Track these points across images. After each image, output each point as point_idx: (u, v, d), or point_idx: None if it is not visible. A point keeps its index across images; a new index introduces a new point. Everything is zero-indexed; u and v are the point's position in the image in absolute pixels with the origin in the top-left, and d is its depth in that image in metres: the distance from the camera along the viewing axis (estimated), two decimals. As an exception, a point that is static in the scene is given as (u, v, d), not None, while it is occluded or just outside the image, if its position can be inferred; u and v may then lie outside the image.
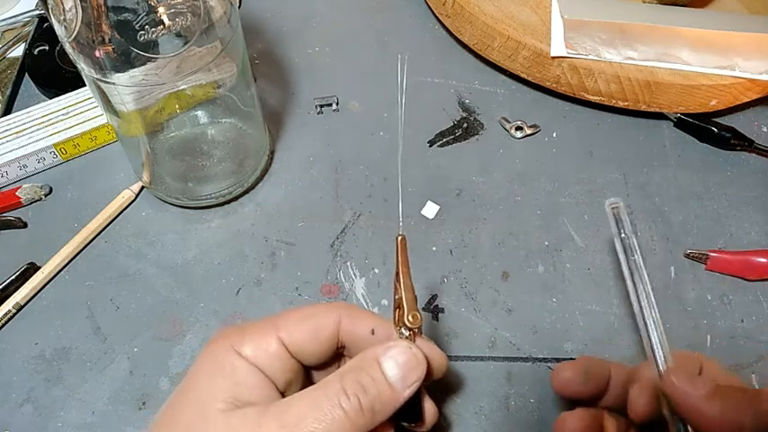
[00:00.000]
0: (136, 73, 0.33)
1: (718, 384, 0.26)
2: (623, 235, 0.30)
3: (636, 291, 0.30)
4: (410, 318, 0.27)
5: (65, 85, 0.48)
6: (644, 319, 0.29)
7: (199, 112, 0.45)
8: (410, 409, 0.27)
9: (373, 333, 0.28)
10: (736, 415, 0.25)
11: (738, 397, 0.25)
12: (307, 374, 0.30)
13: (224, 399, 0.25)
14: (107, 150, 0.47)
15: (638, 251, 0.30)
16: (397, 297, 0.28)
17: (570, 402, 0.33)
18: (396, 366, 0.26)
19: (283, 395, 0.27)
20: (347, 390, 0.25)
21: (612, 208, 0.31)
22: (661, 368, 0.28)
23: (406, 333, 0.27)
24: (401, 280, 0.28)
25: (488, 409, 0.37)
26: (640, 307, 0.29)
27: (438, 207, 0.45)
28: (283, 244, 0.43)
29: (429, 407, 0.29)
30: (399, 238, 0.29)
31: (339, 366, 0.31)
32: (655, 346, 0.28)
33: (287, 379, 0.27)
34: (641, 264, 0.30)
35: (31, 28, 0.53)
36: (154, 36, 0.32)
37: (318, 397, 0.25)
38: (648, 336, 0.29)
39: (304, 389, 0.26)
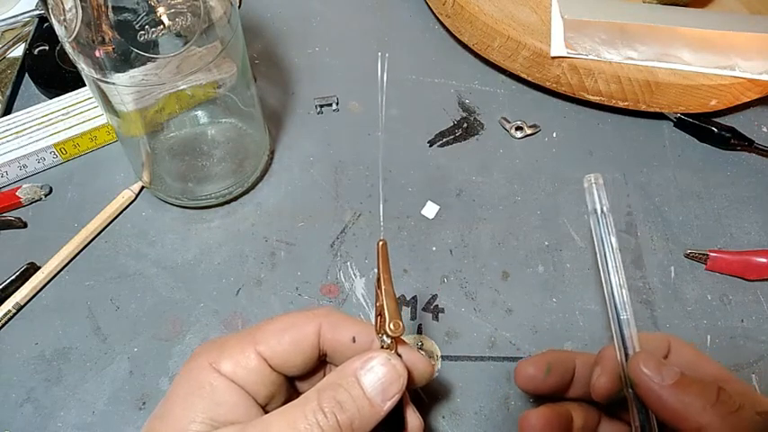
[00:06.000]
0: (136, 73, 0.33)
1: (683, 374, 0.26)
2: (602, 210, 0.29)
3: (607, 268, 0.29)
4: (391, 326, 0.26)
5: (65, 85, 0.48)
6: (614, 301, 0.29)
7: (199, 112, 0.45)
8: (392, 421, 0.27)
9: (354, 341, 0.28)
10: (697, 408, 0.25)
11: (700, 390, 0.26)
12: (291, 384, 0.29)
13: (202, 420, 0.25)
14: (107, 150, 0.47)
15: (613, 229, 0.29)
16: (378, 304, 0.27)
17: (539, 398, 0.32)
18: (375, 380, 0.25)
19: (265, 409, 0.27)
20: (324, 407, 0.24)
21: (592, 183, 0.30)
22: (629, 351, 0.28)
23: (388, 341, 0.27)
24: (382, 287, 0.27)
25: (488, 409, 0.37)
26: (611, 287, 0.29)
27: (438, 207, 0.45)
28: (283, 244, 0.43)
29: (414, 419, 0.28)
30: (380, 243, 0.28)
31: (324, 374, 0.30)
32: (624, 328, 0.28)
33: (268, 393, 0.27)
34: (615, 243, 0.29)
35: (31, 28, 0.53)
36: (154, 36, 0.32)
37: (296, 416, 0.24)
38: (617, 315, 0.28)
39: (287, 402, 0.25)
